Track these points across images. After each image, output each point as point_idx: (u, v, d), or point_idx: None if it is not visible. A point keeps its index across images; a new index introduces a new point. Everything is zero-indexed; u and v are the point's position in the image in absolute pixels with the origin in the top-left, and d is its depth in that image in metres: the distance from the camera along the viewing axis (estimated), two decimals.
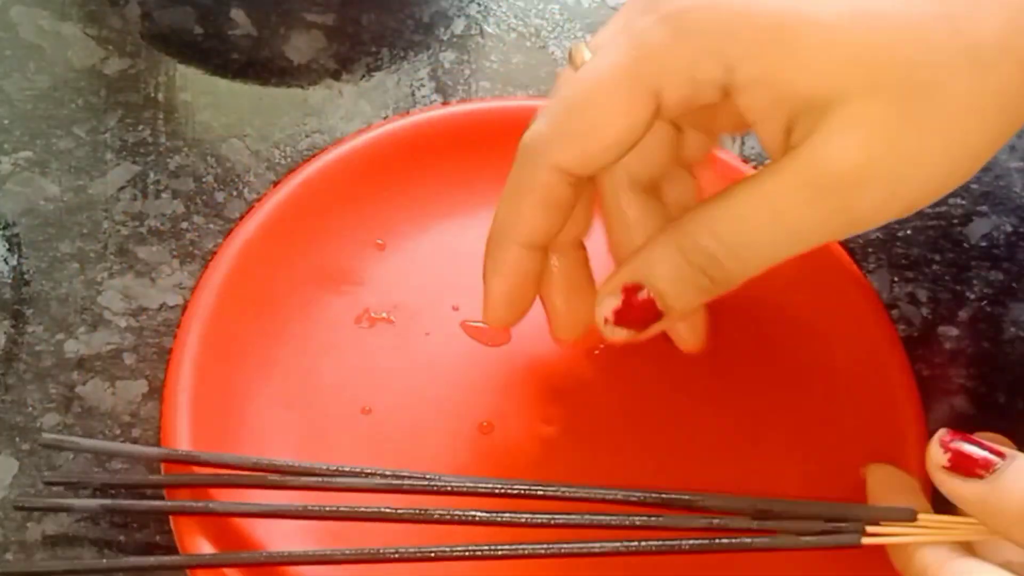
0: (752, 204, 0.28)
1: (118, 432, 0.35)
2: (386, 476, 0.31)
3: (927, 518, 0.27)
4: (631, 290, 0.30)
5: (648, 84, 0.28)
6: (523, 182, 0.30)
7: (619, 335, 0.30)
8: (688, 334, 0.34)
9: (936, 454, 0.27)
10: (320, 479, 0.31)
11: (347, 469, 0.31)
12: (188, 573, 0.31)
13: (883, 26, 0.27)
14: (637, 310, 0.30)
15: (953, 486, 0.26)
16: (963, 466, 0.26)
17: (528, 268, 0.31)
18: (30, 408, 0.35)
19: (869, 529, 0.28)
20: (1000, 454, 0.26)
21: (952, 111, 0.27)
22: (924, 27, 0.27)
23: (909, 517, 0.27)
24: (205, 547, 0.30)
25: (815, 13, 0.27)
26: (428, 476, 0.30)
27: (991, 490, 0.25)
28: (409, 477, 0.30)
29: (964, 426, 0.36)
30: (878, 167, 0.27)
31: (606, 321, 0.30)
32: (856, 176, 0.27)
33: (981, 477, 0.25)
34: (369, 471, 0.31)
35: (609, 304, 0.30)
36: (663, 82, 0.28)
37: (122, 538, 0.33)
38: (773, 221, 0.28)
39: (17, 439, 0.34)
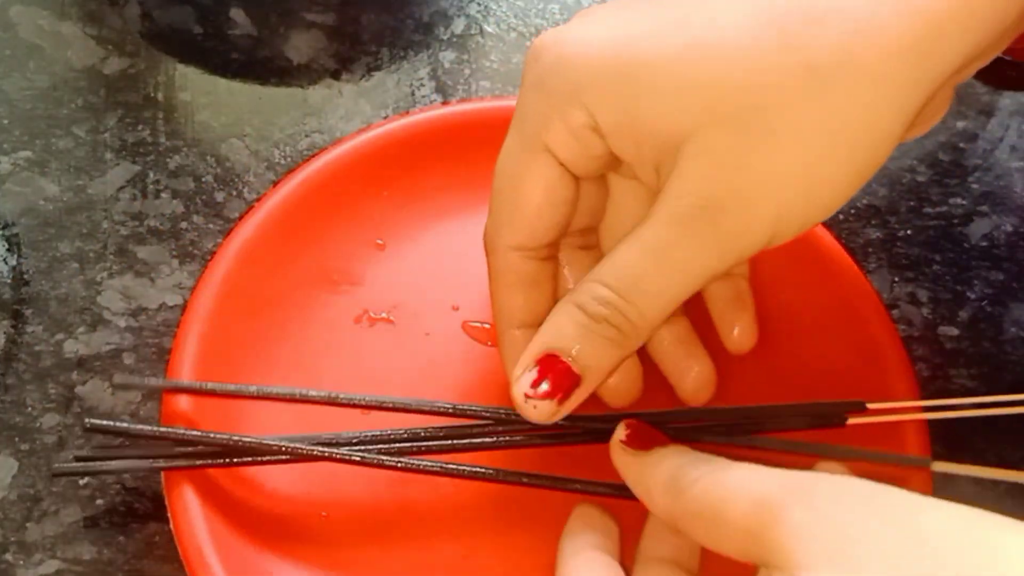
0: (634, 248, 0.29)
1: None
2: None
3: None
4: (544, 360, 0.29)
5: (536, 144, 0.30)
6: (492, 271, 0.32)
7: (542, 410, 0.29)
8: (738, 340, 0.35)
9: (619, 430, 0.30)
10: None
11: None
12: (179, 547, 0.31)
13: (717, 55, 0.27)
14: (556, 376, 0.29)
15: (622, 457, 0.30)
16: (632, 441, 0.30)
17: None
18: (30, 408, 0.35)
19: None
20: (664, 442, 0.29)
21: (792, 131, 0.27)
22: (757, 50, 0.27)
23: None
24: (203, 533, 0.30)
25: (656, 51, 0.28)
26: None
27: (645, 459, 0.29)
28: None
29: (964, 426, 0.36)
30: (728, 194, 0.27)
31: (526, 397, 0.29)
32: (711, 207, 0.27)
33: (641, 451, 0.29)
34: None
35: (526, 379, 0.29)
36: (548, 139, 0.30)
37: (121, 539, 0.33)
38: (654, 261, 0.28)
39: (17, 439, 0.34)
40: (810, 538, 0.22)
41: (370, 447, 0.32)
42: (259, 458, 0.32)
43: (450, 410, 0.32)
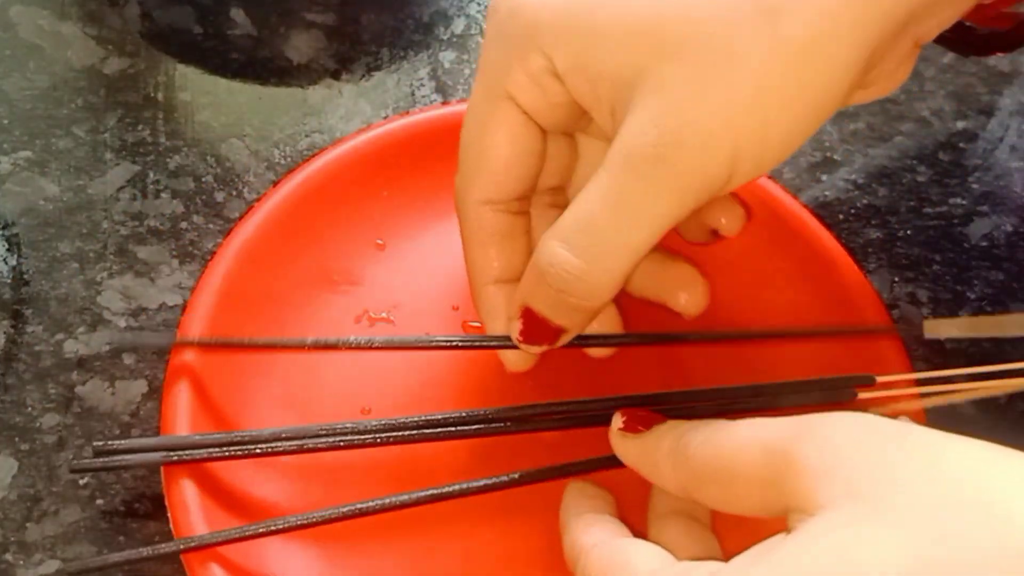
0: (591, 199, 0.28)
1: (118, 432, 0.35)
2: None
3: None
4: (526, 313, 0.31)
5: (499, 93, 0.30)
6: (463, 227, 0.32)
7: (535, 351, 0.32)
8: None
9: (615, 420, 0.30)
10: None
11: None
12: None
13: None
14: (538, 329, 0.31)
15: (623, 444, 0.30)
16: (630, 426, 0.30)
17: (508, 301, 0.32)
18: (29, 408, 0.35)
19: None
20: (662, 420, 0.29)
21: (744, 65, 0.26)
22: None
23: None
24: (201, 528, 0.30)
25: None
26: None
27: (646, 439, 0.29)
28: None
29: (965, 427, 0.36)
30: (685, 131, 0.27)
31: (519, 342, 0.31)
32: (667, 143, 0.27)
33: (640, 432, 0.29)
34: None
35: (515, 328, 0.31)
36: (509, 87, 0.30)
37: (122, 539, 0.33)
38: (612, 210, 0.28)
39: (17, 439, 0.34)
40: (829, 476, 0.22)
41: (378, 436, 0.32)
42: (268, 447, 0.32)
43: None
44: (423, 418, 0.33)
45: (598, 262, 0.28)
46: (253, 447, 0.32)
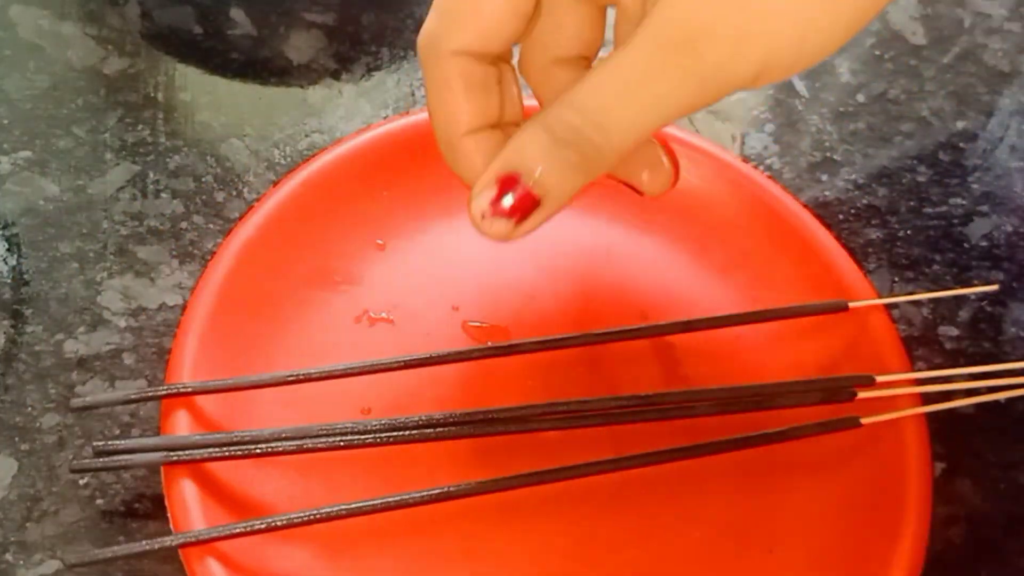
0: (610, 74, 0.28)
1: (117, 432, 0.35)
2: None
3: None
4: (505, 180, 0.29)
5: None
6: (435, 79, 0.30)
7: (498, 228, 0.29)
8: (649, 183, 0.33)
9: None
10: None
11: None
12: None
13: None
14: (512, 197, 0.29)
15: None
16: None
17: (488, 150, 0.31)
18: (29, 408, 0.35)
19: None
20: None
21: None
22: None
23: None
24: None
25: None
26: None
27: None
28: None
29: (965, 426, 0.36)
30: (719, 24, 0.26)
31: (483, 216, 0.29)
32: (700, 33, 0.26)
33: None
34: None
35: (485, 197, 0.29)
36: None
37: (122, 539, 0.33)
38: (630, 88, 0.27)
39: (17, 439, 0.34)
40: None
41: (378, 436, 0.32)
42: (268, 447, 0.32)
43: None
44: (423, 418, 0.33)
45: (606, 135, 0.28)
46: (253, 447, 0.32)
